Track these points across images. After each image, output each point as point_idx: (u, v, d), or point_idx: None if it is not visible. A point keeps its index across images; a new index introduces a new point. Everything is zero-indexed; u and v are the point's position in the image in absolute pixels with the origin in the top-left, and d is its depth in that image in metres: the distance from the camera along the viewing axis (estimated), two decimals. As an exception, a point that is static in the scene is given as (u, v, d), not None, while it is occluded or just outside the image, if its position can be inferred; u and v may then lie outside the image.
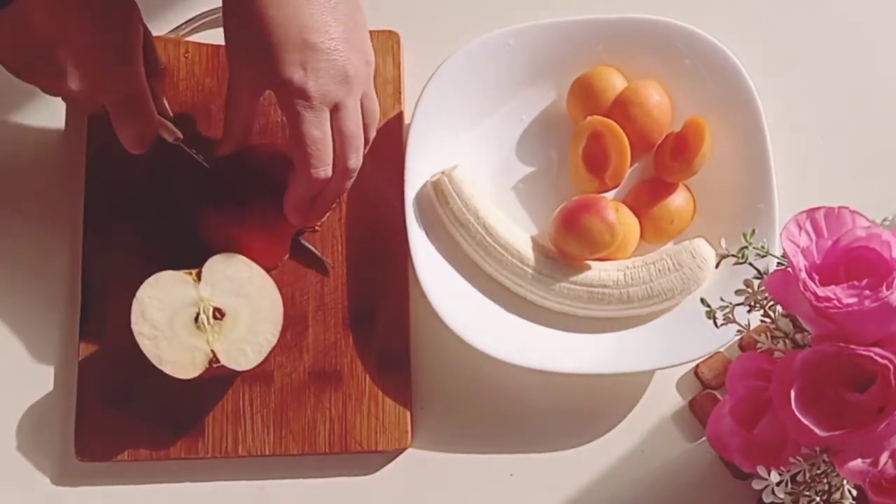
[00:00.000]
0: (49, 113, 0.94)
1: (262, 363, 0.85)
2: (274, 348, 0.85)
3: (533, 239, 0.89)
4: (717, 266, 0.86)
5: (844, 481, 0.68)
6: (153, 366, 0.84)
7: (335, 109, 0.80)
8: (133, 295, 0.84)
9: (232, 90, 0.83)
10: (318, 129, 0.79)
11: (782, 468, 0.67)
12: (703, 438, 0.87)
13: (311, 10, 0.78)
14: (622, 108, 0.89)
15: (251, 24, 0.78)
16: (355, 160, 0.83)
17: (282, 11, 0.77)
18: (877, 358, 0.63)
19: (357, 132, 0.82)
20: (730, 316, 0.72)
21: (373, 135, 0.86)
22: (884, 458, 0.65)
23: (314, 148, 0.80)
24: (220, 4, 0.85)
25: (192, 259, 0.86)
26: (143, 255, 0.89)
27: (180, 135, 0.88)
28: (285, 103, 0.79)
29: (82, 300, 0.89)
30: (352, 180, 0.84)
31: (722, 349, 0.86)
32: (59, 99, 0.86)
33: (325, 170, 0.81)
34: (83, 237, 0.90)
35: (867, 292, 0.63)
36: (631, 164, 0.90)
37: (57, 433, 0.88)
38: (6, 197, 0.93)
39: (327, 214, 0.90)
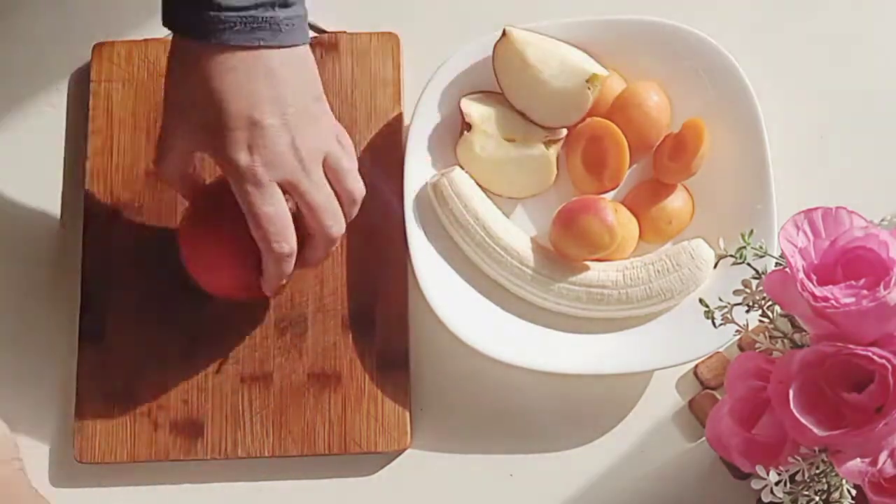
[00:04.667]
0: (50, 118, 0.94)
1: (261, 364, 0.85)
2: (273, 350, 0.85)
3: (532, 240, 0.89)
4: (715, 266, 0.86)
5: (843, 481, 0.68)
6: (153, 367, 0.84)
7: (290, 186, 0.77)
8: (132, 296, 0.84)
9: (165, 150, 0.79)
10: (270, 206, 0.76)
11: (781, 468, 0.67)
12: (703, 438, 0.87)
13: (254, 85, 0.74)
14: (621, 110, 0.89)
15: (194, 96, 0.74)
16: (335, 227, 0.80)
17: (225, 84, 0.73)
18: (875, 357, 0.63)
19: (325, 201, 0.78)
20: (728, 316, 0.72)
21: (353, 214, 0.82)
22: (882, 457, 0.65)
23: (269, 224, 0.76)
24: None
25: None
26: (142, 256, 0.89)
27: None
28: (232, 181, 0.76)
29: (82, 300, 0.89)
30: (334, 244, 0.81)
31: (721, 349, 0.86)
32: (59, 99, 0.85)
33: (286, 244, 0.77)
34: (83, 237, 0.90)
35: (865, 292, 0.64)
36: (630, 166, 0.90)
37: (56, 434, 0.88)
38: (6, 197, 0.93)
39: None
